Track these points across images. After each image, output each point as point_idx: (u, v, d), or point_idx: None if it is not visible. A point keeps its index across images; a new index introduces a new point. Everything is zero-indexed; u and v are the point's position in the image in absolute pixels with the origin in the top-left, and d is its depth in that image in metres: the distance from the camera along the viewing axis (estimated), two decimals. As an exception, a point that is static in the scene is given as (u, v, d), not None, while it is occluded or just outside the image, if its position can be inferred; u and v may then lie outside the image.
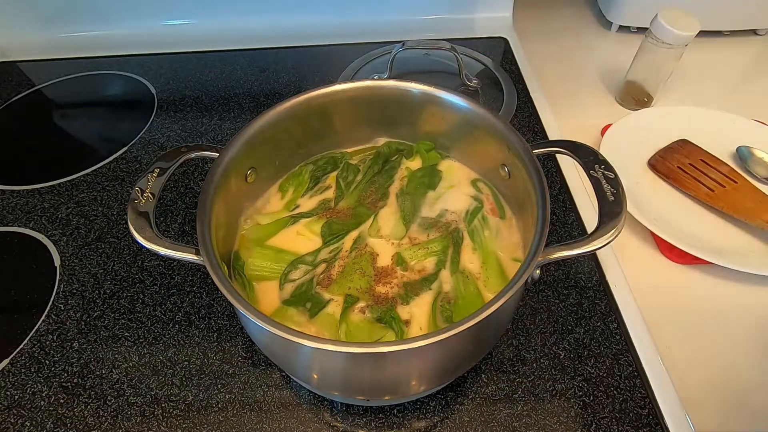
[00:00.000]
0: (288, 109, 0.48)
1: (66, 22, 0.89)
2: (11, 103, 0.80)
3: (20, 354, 0.50)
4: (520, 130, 0.46)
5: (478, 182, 0.53)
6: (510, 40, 0.87)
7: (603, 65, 0.86)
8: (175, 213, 0.62)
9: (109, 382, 0.47)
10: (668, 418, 0.44)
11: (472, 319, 0.33)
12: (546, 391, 0.46)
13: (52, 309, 0.53)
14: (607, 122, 0.72)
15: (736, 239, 0.58)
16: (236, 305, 0.34)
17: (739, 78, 0.80)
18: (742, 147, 0.67)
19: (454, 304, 0.43)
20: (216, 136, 0.72)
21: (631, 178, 0.65)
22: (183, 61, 0.86)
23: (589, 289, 0.53)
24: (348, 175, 0.54)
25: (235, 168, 0.45)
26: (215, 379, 0.47)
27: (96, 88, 0.83)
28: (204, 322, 0.51)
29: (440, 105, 0.50)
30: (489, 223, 0.49)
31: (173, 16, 0.90)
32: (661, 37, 0.68)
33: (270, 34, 0.89)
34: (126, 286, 0.55)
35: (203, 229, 0.39)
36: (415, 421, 0.45)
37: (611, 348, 0.49)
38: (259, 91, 0.80)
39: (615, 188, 0.40)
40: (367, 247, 0.48)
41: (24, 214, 0.62)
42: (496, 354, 0.48)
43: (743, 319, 0.53)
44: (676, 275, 0.57)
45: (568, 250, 0.38)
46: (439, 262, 0.46)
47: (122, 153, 0.70)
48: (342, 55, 0.84)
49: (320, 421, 0.45)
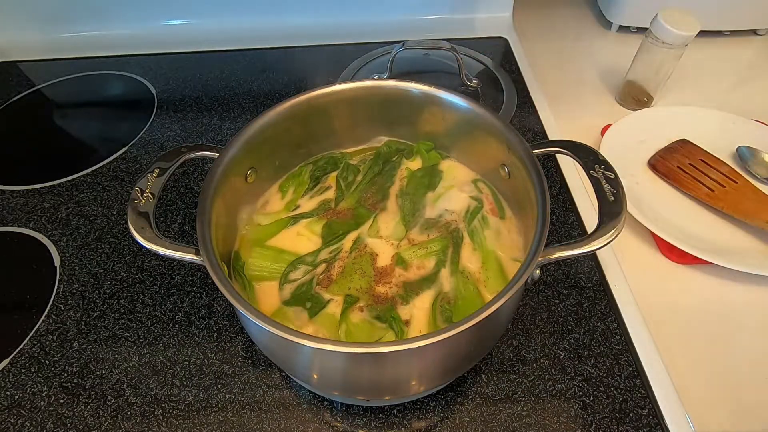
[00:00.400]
0: (288, 109, 0.48)
1: (66, 22, 0.89)
2: (11, 103, 0.80)
3: (20, 354, 0.50)
4: (520, 130, 0.46)
5: (478, 182, 0.53)
6: (510, 40, 0.87)
7: (603, 65, 0.86)
8: (175, 213, 0.62)
9: (109, 382, 0.47)
10: (668, 418, 0.44)
11: (472, 319, 0.33)
12: (546, 391, 0.46)
13: (52, 309, 0.53)
14: (607, 122, 0.72)
15: (736, 239, 0.58)
16: (236, 305, 0.34)
17: (739, 78, 0.80)
18: (742, 147, 0.67)
19: (454, 304, 0.43)
20: (216, 136, 0.72)
21: (631, 178, 0.65)
22: (183, 61, 0.86)
23: (589, 289, 0.53)
24: (348, 175, 0.54)
25: (235, 168, 0.45)
26: (215, 379, 0.47)
27: (96, 88, 0.83)
28: (204, 322, 0.51)
29: (440, 105, 0.50)
30: (489, 223, 0.49)
31: (173, 16, 0.90)
32: (661, 37, 0.68)
33: (270, 34, 0.89)
34: (126, 286, 0.55)
35: (203, 229, 0.39)
36: (415, 421, 0.45)
37: (611, 348, 0.49)
38: (259, 91, 0.80)
39: (615, 188, 0.40)
40: (367, 248, 0.48)
41: (24, 214, 0.62)
42: (496, 354, 0.48)
43: (743, 319, 0.53)
44: (676, 275, 0.57)
45: (568, 251, 0.38)
46: (439, 262, 0.46)
47: (122, 153, 0.70)
48: (342, 55, 0.84)
49: (320, 421, 0.45)
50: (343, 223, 0.50)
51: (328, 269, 0.46)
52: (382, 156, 0.55)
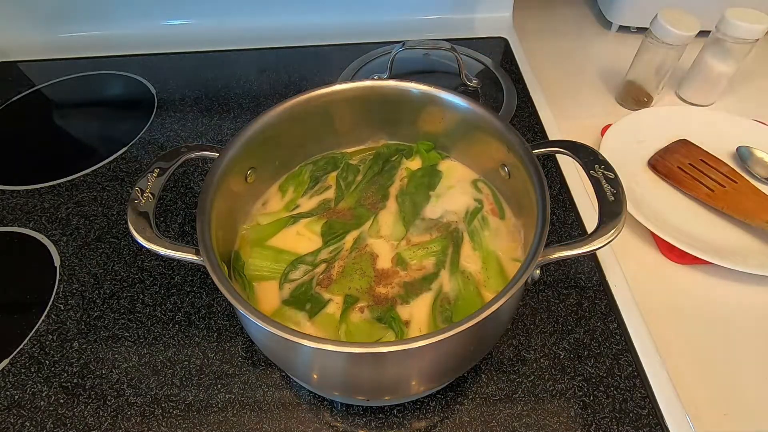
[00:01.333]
0: (288, 109, 0.48)
1: (66, 22, 0.89)
2: (11, 103, 0.80)
3: (20, 354, 0.50)
4: (520, 130, 0.46)
5: (478, 182, 0.53)
6: (510, 40, 0.87)
7: (603, 65, 0.86)
8: (174, 213, 0.62)
9: (109, 382, 0.47)
10: (668, 418, 0.44)
11: (472, 319, 0.33)
12: (546, 391, 0.46)
13: (52, 309, 0.53)
14: (607, 122, 0.72)
15: (736, 239, 0.58)
16: (236, 305, 0.34)
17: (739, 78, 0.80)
18: (742, 147, 0.67)
19: (454, 304, 0.43)
20: (216, 136, 0.72)
21: (631, 178, 0.65)
22: (183, 61, 0.86)
23: (589, 289, 0.53)
24: (348, 175, 0.54)
25: (236, 168, 0.45)
26: (215, 379, 0.47)
27: (96, 88, 0.83)
28: (204, 322, 0.51)
29: (440, 105, 0.50)
30: (489, 224, 0.49)
31: (173, 16, 0.90)
32: (661, 37, 0.68)
33: (270, 34, 0.89)
34: (126, 286, 0.55)
35: (203, 229, 0.39)
36: (415, 421, 0.45)
37: (611, 348, 0.49)
38: (259, 91, 0.80)
39: (615, 188, 0.40)
40: (367, 248, 0.48)
41: (24, 214, 0.62)
42: (496, 354, 0.48)
43: (743, 319, 0.53)
44: (676, 275, 0.57)
45: (568, 251, 0.38)
46: (439, 262, 0.46)
47: (122, 153, 0.70)
48: (342, 55, 0.84)
49: (320, 421, 0.45)
50: (343, 222, 0.50)
51: (328, 269, 0.46)
52: (382, 156, 0.55)
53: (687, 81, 0.78)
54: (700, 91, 0.77)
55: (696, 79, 0.76)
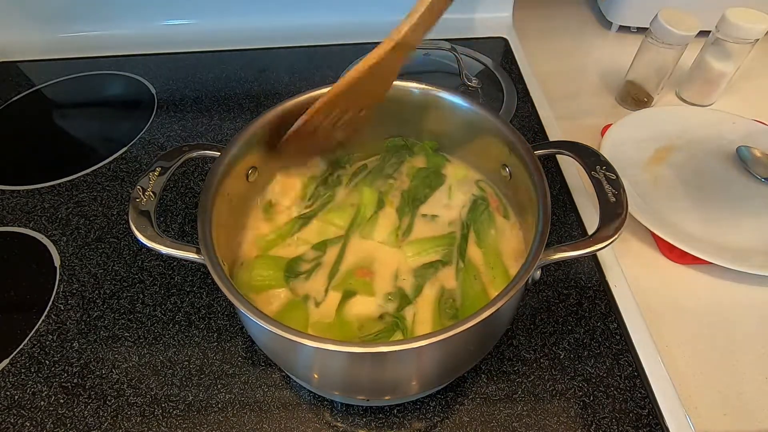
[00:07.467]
0: (289, 109, 0.48)
1: (66, 22, 0.89)
2: (11, 103, 0.80)
3: (20, 354, 0.50)
4: (520, 130, 0.46)
5: (480, 183, 0.53)
6: (510, 40, 0.87)
7: (603, 65, 0.86)
8: (175, 213, 0.62)
9: (109, 382, 0.47)
10: (668, 418, 0.44)
11: (472, 319, 0.33)
12: (546, 391, 0.46)
13: (52, 309, 0.53)
14: (607, 122, 0.72)
15: (736, 239, 0.58)
16: (237, 305, 0.34)
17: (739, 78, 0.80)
18: (742, 147, 0.67)
19: (461, 303, 0.43)
20: (216, 136, 0.72)
21: (631, 178, 0.65)
22: (183, 61, 0.86)
23: (589, 289, 0.53)
24: (350, 174, 0.54)
25: (237, 167, 0.45)
26: (215, 379, 0.47)
27: (96, 88, 0.83)
28: (204, 322, 0.51)
29: (440, 105, 0.50)
30: (494, 223, 0.49)
31: (173, 16, 0.90)
32: (661, 37, 0.68)
33: (270, 34, 0.89)
34: (126, 286, 0.55)
35: (204, 228, 0.39)
36: (415, 421, 0.45)
37: (611, 348, 0.49)
38: (259, 91, 0.80)
39: (616, 189, 0.40)
40: (369, 246, 0.48)
41: (24, 214, 0.62)
42: (496, 354, 0.48)
43: (743, 319, 0.53)
44: (676, 275, 0.57)
45: (569, 251, 0.38)
46: (443, 261, 0.46)
47: (122, 153, 0.70)
48: (342, 55, 0.84)
49: (320, 421, 0.45)
50: (345, 222, 0.49)
51: (329, 268, 0.46)
52: (383, 156, 0.55)
53: (687, 81, 0.78)
54: (700, 91, 0.77)
55: (696, 79, 0.76)
